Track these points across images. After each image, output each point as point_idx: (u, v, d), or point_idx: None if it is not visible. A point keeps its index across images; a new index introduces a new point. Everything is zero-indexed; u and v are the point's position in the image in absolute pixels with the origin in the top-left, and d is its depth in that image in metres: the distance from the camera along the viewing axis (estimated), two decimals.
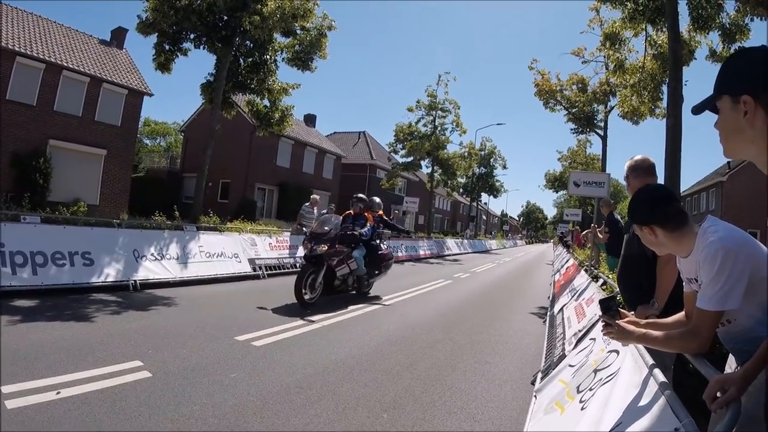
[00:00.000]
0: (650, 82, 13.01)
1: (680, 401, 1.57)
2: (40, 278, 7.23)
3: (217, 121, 14.91)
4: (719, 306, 1.75)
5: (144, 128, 63.08)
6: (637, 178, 3.41)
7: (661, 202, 2.09)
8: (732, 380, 1.51)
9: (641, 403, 1.82)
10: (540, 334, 7.13)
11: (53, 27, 23.37)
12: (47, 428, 3.04)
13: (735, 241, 1.77)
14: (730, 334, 1.90)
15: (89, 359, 4.43)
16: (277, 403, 3.81)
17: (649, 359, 2.15)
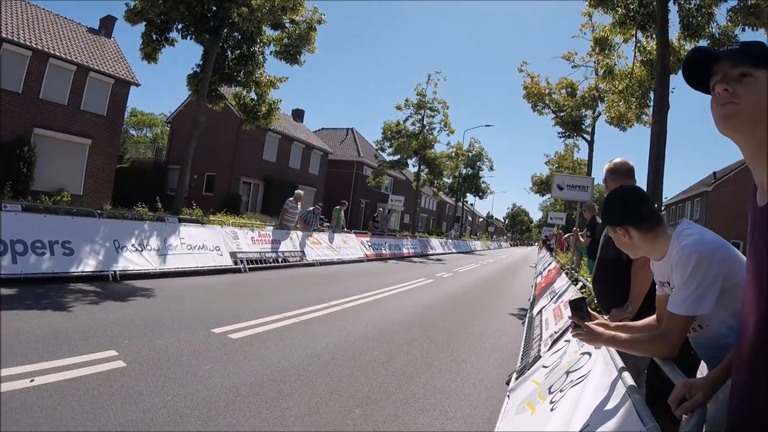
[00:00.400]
0: (638, 88, 13.11)
1: (647, 405, 1.56)
2: (20, 267, 7.11)
3: (202, 113, 14.77)
4: (690, 311, 1.74)
5: (130, 119, 62.60)
6: (615, 180, 3.40)
7: (634, 202, 2.07)
8: (698, 385, 1.51)
9: (609, 406, 1.81)
10: (518, 335, 7.15)
11: (41, 14, 23.09)
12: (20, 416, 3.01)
13: (709, 246, 1.76)
14: (702, 340, 1.89)
15: (65, 348, 4.41)
16: (249, 396, 3.80)
17: (619, 362, 2.14)
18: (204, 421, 3.27)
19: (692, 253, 1.73)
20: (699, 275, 1.71)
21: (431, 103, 34.24)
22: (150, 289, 7.86)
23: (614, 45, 14.73)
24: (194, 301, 7.34)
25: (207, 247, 10.72)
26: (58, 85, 21.47)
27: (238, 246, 11.66)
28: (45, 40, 21.27)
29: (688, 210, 40.94)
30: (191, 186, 29.00)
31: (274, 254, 12.95)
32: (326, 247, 16.00)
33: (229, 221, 13.19)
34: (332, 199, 29.58)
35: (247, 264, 11.55)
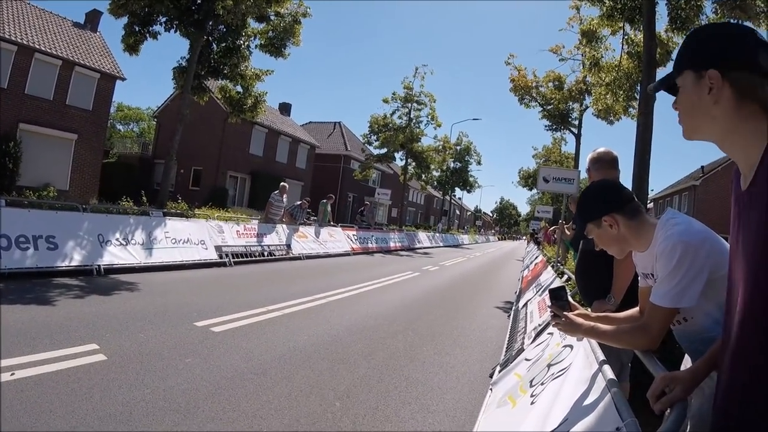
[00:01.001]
0: (626, 81, 13.16)
1: (626, 400, 1.52)
2: (3, 262, 7.03)
3: (187, 105, 14.66)
4: (673, 303, 1.68)
5: (117, 113, 62.01)
6: (598, 170, 3.35)
7: (613, 191, 2.02)
8: (679, 379, 1.46)
9: (588, 400, 1.77)
10: (503, 328, 7.15)
11: (26, 8, 22.80)
12: None
13: (696, 236, 1.69)
14: (686, 333, 1.82)
15: (46, 342, 4.38)
16: (229, 389, 3.78)
17: (600, 355, 2.09)
18: (183, 414, 3.25)
19: (678, 243, 1.67)
20: (684, 266, 1.64)
21: (418, 96, 34.29)
22: (134, 283, 7.81)
23: (602, 37, 14.79)
24: (178, 295, 7.29)
25: (192, 241, 10.65)
26: (44, 80, 21.26)
27: (223, 240, 11.60)
28: (30, 35, 21.02)
29: (675, 204, 41.21)
30: (178, 180, 28.85)
31: (260, 248, 12.90)
32: (312, 240, 15.96)
33: (215, 215, 13.11)
34: (319, 193, 29.49)
35: (232, 258, 11.49)
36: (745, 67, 1.16)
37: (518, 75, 26.02)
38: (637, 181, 9.59)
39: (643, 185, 9.71)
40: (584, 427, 1.59)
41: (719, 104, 1.19)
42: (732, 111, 1.17)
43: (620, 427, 1.35)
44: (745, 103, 1.15)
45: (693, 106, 1.25)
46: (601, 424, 1.51)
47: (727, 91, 1.17)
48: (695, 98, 1.24)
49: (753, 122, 1.14)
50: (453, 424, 3.62)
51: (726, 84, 1.17)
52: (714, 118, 1.21)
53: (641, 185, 9.63)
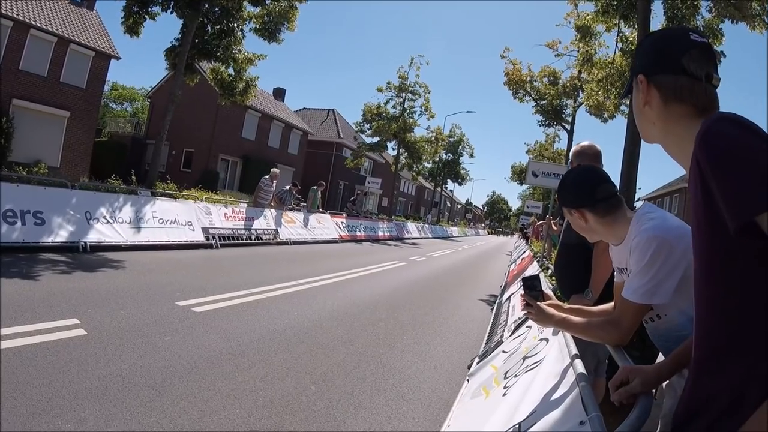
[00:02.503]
0: (618, 78, 13.14)
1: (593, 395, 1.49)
2: None
3: (179, 86, 14.55)
4: (645, 299, 1.64)
5: (111, 92, 61.31)
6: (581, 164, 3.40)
7: (591, 184, 1.95)
8: (641, 372, 1.44)
9: (557, 393, 1.76)
10: (485, 320, 7.16)
11: None
12: None
13: (671, 231, 1.65)
14: (659, 331, 1.79)
15: (27, 315, 4.39)
16: (205, 368, 3.81)
17: (573, 349, 2.06)
18: (157, 390, 3.28)
19: (653, 238, 1.62)
20: (658, 262, 1.61)
21: (413, 86, 34.14)
22: (120, 261, 7.79)
23: (596, 33, 14.77)
24: (162, 274, 7.29)
25: (179, 221, 10.62)
26: (39, 57, 21.07)
27: (210, 222, 11.57)
28: (27, 11, 20.76)
29: (666, 205, 41.37)
30: (169, 162, 28.67)
31: (247, 231, 12.88)
32: (300, 226, 15.95)
33: (203, 197, 13.05)
34: (311, 180, 29.39)
35: (219, 240, 11.47)
36: (668, 70, 1.21)
37: (513, 69, 25.99)
38: (625, 179, 9.64)
39: (631, 182, 9.76)
40: (550, 420, 1.58)
41: (651, 107, 1.24)
42: (662, 113, 1.22)
43: (584, 421, 1.35)
44: (671, 105, 1.20)
45: (636, 110, 1.31)
46: (566, 418, 1.50)
47: (655, 94, 1.23)
48: (635, 103, 1.30)
49: (683, 123, 1.18)
50: (427, 413, 3.65)
51: (652, 87, 1.23)
52: (651, 121, 1.26)
53: (629, 184, 9.68)
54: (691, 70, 1.18)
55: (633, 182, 9.94)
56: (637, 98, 1.28)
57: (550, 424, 1.56)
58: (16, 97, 20.24)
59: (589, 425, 1.32)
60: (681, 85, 1.18)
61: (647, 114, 1.27)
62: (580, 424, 1.36)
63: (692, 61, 1.18)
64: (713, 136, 0.97)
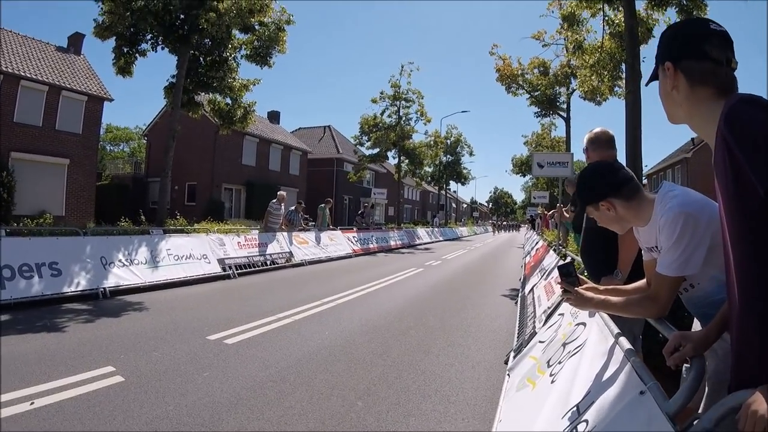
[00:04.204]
0: (609, 61, 13.13)
1: (645, 366, 1.59)
2: (9, 292, 7.02)
3: (178, 121, 14.66)
4: (679, 271, 1.75)
5: (106, 135, 61.92)
6: (596, 150, 3.39)
7: (609, 173, 2.05)
8: (690, 338, 1.54)
9: (608, 372, 1.83)
10: (512, 315, 7.20)
11: (8, 36, 22.74)
12: None
13: (695, 206, 1.75)
14: (693, 300, 1.89)
15: (61, 368, 4.38)
16: (251, 398, 3.81)
17: (614, 328, 2.15)
18: (208, 428, 3.28)
19: (679, 214, 1.73)
20: (687, 236, 1.71)
21: (406, 93, 34.16)
22: (141, 302, 7.81)
23: (582, 20, 14.80)
24: (186, 311, 7.30)
25: (194, 256, 10.65)
26: (32, 107, 21.19)
27: (225, 252, 11.60)
28: (15, 63, 20.96)
29: (669, 177, 41.24)
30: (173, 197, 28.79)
31: (262, 257, 12.90)
32: (313, 246, 15.97)
33: (214, 228, 13.10)
34: (315, 198, 29.52)
35: (235, 269, 11.49)
36: (693, 57, 1.36)
37: (503, 64, 26.02)
38: (630, 159, 9.61)
39: (636, 162, 9.72)
40: (608, 397, 1.65)
41: (678, 91, 1.40)
42: (688, 96, 1.38)
43: (644, 390, 1.43)
44: (697, 88, 1.36)
45: (664, 94, 1.47)
46: (624, 391, 1.58)
47: (681, 78, 1.38)
48: (663, 88, 1.46)
49: (707, 104, 1.33)
50: (475, 412, 3.65)
51: (679, 73, 1.39)
52: (678, 104, 1.42)
53: (635, 162, 9.64)
54: (713, 56, 1.34)
55: (638, 161, 9.92)
56: (664, 84, 1.44)
57: (609, 400, 1.64)
58: (14, 150, 20.31)
59: (649, 393, 1.40)
60: (705, 70, 1.35)
61: (674, 98, 1.43)
62: (640, 393, 1.45)
63: (714, 47, 1.35)
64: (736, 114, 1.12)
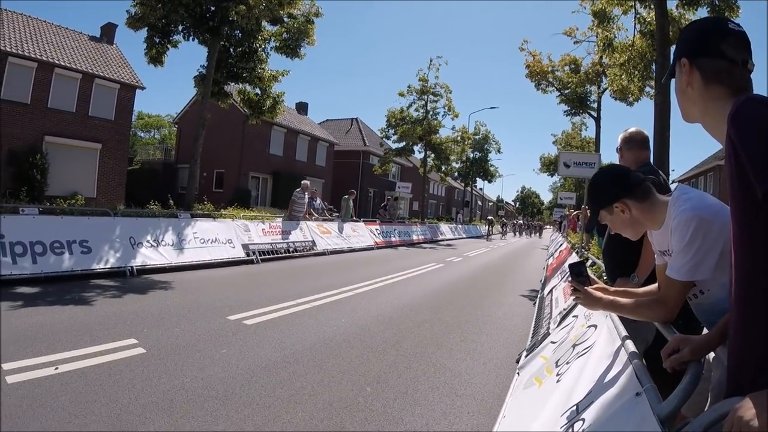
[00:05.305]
0: (640, 60, 12.93)
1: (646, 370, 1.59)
2: (40, 266, 7.37)
3: (207, 110, 14.93)
4: (689, 276, 1.72)
5: (138, 121, 63.01)
6: (630, 150, 3.37)
7: (621, 174, 2.04)
8: (690, 341, 1.52)
9: (611, 373, 1.83)
10: (528, 316, 7.17)
11: (44, 26, 23.47)
12: (46, 400, 3.18)
13: (708, 210, 1.70)
14: (703, 307, 1.84)
15: (86, 338, 4.61)
16: (264, 376, 3.95)
17: (622, 330, 2.14)
18: (221, 401, 3.42)
19: (692, 218, 1.69)
20: (698, 240, 1.67)
21: (434, 88, 33.99)
22: (167, 282, 8.07)
23: (613, 18, 14.58)
24: (209, 292, 7.51)
25: (220, 240, 10.90)
26: (66, 94, 21.91)
27: (249, 238, 11.84)
28: (49, 51, 21.67)
29: (701, 185, 40.22)
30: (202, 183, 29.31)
31: (285, 245, 13.12)
32: (336, 236, 16.14)
33: (240, 214, 13.35)
34: (340, 190, 29.72)
35: (259, 255, 11.73)
36: (709, 54, 1.36)
37: (533, 60, 25.75)
38: (657, 162, 9.48)
39: (663, 166, 9.60)
40: (606, 397, 1.66)
41: (693, 88, 1.39)
42: (702, 94, 1.37)
43: (640, 392, 1.44)
44: (711, 86, 1.34)
45: (679, 91, 1.46)
46: (622, 393, 1.58)
47: (696, 76, 1.37)
48: (678, 84, 1.45)
49: (720, 103, 1.31)
50: (481, 407, 3.70)
51: (695, 70, 1.38)
52: (693, 101, 1.41)
53: (662, 166, 9.52)
54: (729, 55, 1.32)
55: (665, 165, 9.79)
56: (680, 80, 1.43)
57: (607, 400, 1.64)
58: (47, 133, 21.09)
59: (645, 395, 1.40)
60: (720, 68, 1.33)
61: (689, 94, 1.41)
62: (636, 395, 1.45)
63: (730, 46, 1.33)
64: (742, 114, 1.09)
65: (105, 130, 23.62)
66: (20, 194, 14.24)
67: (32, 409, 3.06)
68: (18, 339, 4.39)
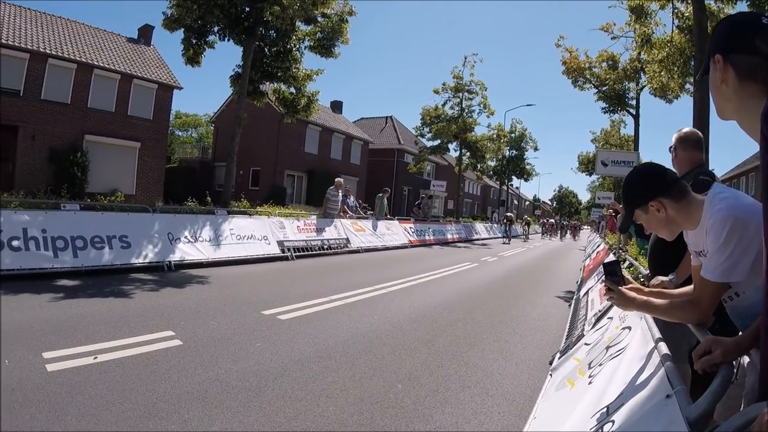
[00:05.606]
0: (679, 56, 12.55)
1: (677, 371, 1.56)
2: (81, 260, 7.65)
3: (243, 109, 15.20)
4: (723, 277, 1.66)
5: (176, 121, 64.43)
6: (686, 150, 3.30)
7: (657, 172, 1.97)
8: (721, 343, 1.48)
9: (643, 375, 1.80)
10: (564, 317, 7.03)
11: (82, 29, 24.36)
12: (84, 388, 3.30)
13: (744, 209, 1.65)
14: (738, 310, 1.78)
15: (125, 329, 4.77)
16: (296, 370, 4.02)
17: (656, 333, 2.09)
18: (254, 393, 3.50)
19: (727, 217, 1.63)
20: (733, 241, 1.61)
21: (469, 85, 33.73)
22: (204, 276, 8.27)
23: (651, 12, 14.21)
24: (245, 287, 7.67)
25: (255, 236, 11.10)
26: (105, 94, 22.66)
27: (284, 235, 12.02)
28: (88, 53, 22.43)
29: (743, 185, 38.80)
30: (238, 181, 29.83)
31: (320, 242, 13.27)
32: (370, 233, 16.22)
33: (275, 212, 13.54)
34: (375, 188, 29.81)
35: (294, 252, 11.90)
36: (743, 50, 1.31)
37: (570, 57, 25.29)
38: None
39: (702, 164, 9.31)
40: (637, 399, 1.63)
41: (727, 85, 1.34)
42: (737, 91, 1.32)
43: (670, 395, 1.41)
44: (746, 83, 1.30)
45: (714, 88, 1.41)
46: (652, 395, 1.55)
47: (731, 72, 1.32)
48: (713, 81, 1.40)
49: (754, 101, 1.26)
50: (512, 407, 3.67)
51: (728, 66, 1.33)
52: (727, 98, 1.36)
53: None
54: (763, 51, 1.27)
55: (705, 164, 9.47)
56: (714, 77, 1.38)
57: (638, 402, 1.61)
58: (87, 132, 21.84)
59: (675, 397, 1.38)
60: (754, 65, 1.28)
61: (723, 92, 1.36)
62: (666, 397, 1.43)
63: (764, 42, 1.27)
64: None
65: (144, 129, 24.32)
66: (61, 191, 14.75)
67: (71, 396, 3.18)
68: (59, 329, 4.58)
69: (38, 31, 21.17)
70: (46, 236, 7.42)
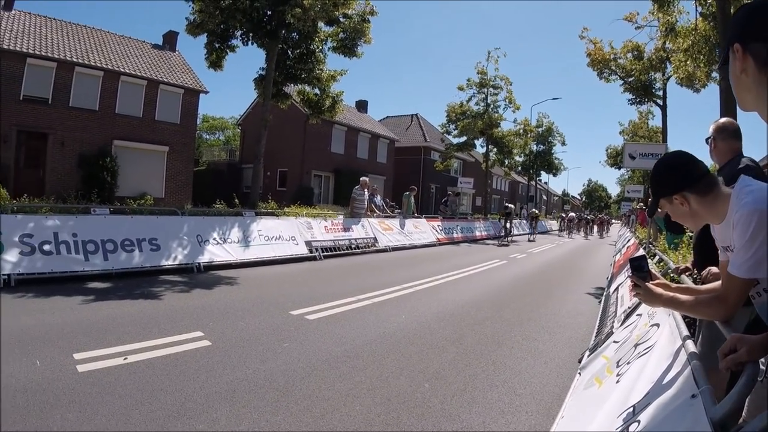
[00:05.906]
0: (705, 44, 12.18)
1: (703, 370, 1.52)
2: (111, 263, 7.85)
3: (269, 111, 15.38)
4: (750, 273, 1.60)
5: (203, 124, 65.50)
6: (725, 140, 3.20)
7: (686, 164, 1.89)
8: (748, 341, 1.44)
9: (670, 374, 1.77)
10: (593, 314, 6.91)
11: (108, 37, 24.89)
12: (114, 388, 3.40)
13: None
14: (765, 306, 1.72)
15: (155, 330, 4.89)
16: (324, 370, 4.06)
17: (684, 330, 2.06)
18: (282, 392, 3.54)
19: (753, 211, 1.57)
20: (761, 235, 1.54)
21: (493, 80, 33.27)
22: (232, 277, 8.39)
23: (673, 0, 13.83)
24: (273, 287, 7.78)
25: (283, 237, 11.22)
26: (132, 100, 23.12)
27: (312, 235, 12.11)
28: (114, 60, 22.95)
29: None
30: (265, 182, 30.19)
31: (347, 241, 13.34)
32: (398, 232, 16.23)
33: (303, 212, 13.66)
34: (402, 186, 29.78)
35: (321, 252, 11.99)
36: (761, 38, 1.25)
37: (594, 48, 24.82)
38: None
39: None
40: (663, 398, 1.61)
41: (747, 75, 1.28)
42: (756, 80, 1.26)
43: (696, 394, 1.39)
44: (765, 72, 1.24)
45: (734, 78, 1.34)
46: (678, 394, 1.53)
47: (750, 61, 1.26)
48: (732, 71, 1.33)
49: None
50: (540, 407, 3.64)
51: (748, 55, 1.27)
52: (747, 88, 1.31)
53: None
54: None
55: None
56: (734, 66, 1.32)
57: (663, 402, 1.60)
58: (116, 138, 22.32)
59: (700, 397, 1.35)
60: None
61: (744, 81, 1.30)
62: (691, 397, 1.40)
63: None
64: None
65: (171, 133, 24.76)
66: (91, 196, 15.13)
67: (101, 396, 3.28)
68: (89, 331, 4.72)
69: (65, 40, 21.76)
70: (77, 240, 7.63)
